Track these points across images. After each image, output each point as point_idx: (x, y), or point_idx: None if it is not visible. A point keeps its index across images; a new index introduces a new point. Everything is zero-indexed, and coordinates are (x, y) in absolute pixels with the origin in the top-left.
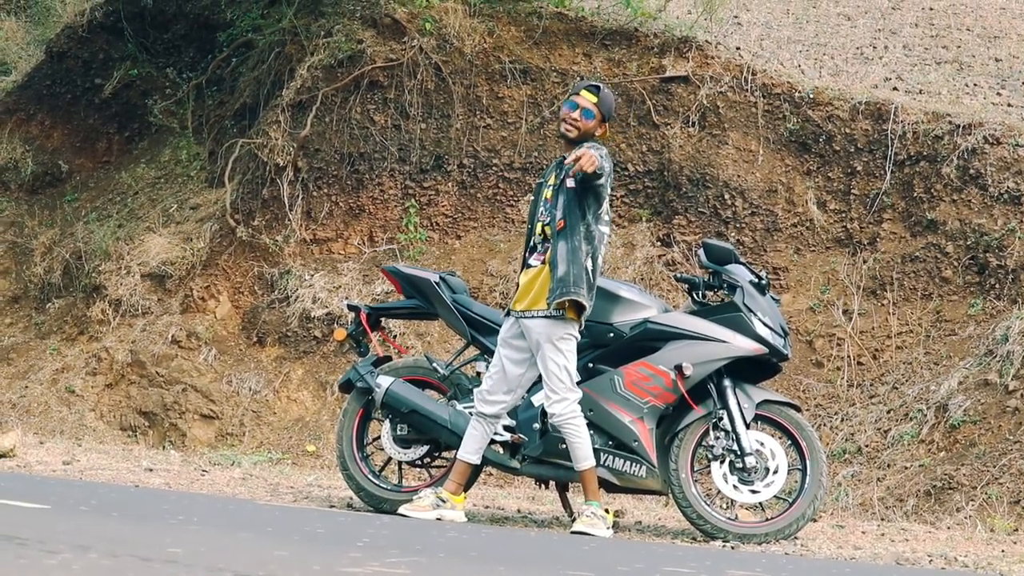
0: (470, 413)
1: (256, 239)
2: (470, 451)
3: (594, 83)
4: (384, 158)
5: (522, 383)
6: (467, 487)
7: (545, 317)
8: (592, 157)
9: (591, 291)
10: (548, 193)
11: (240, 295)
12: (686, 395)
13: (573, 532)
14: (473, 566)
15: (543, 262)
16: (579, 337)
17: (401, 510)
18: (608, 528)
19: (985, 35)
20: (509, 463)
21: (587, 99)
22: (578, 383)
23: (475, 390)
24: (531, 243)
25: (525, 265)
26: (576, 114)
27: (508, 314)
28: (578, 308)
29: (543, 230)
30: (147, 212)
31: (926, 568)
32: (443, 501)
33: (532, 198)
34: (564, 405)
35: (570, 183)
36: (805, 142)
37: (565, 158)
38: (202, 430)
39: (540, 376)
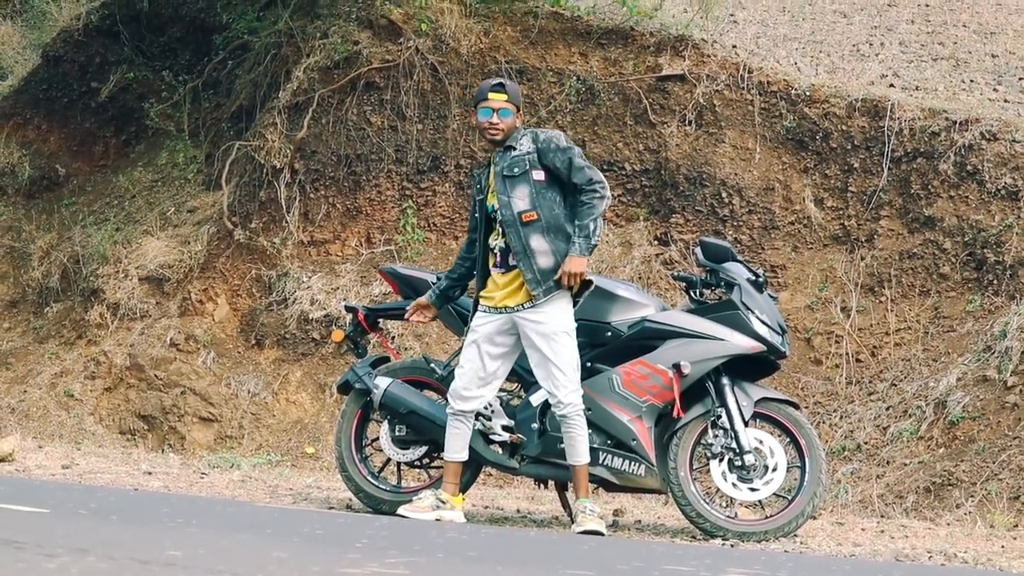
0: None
1: (253, 241)
2: (456, 449)
3: (495, 81)
4: (381, 159)
5: (498, 376)
6: (465, 487)
7: (559, 302)
8: (574, 276)
9: None
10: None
11: (238, 298)
12: (677, 400)
13: (580, 533)
14: (472, 566)
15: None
16: None
17: (400, 511)
18: (603, 520)
19: (981, 31)
20: (508, 463)
21: (498, 100)
22: None
23: (450, 388)
24: (496, 247)
25: (504, 267)
26: (495, 118)
27: (487, 311)
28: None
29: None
30: (144, 215)
31: (926, 564)
32: (443, 502)
33: (477, 213)
34: (578, 395)
35: (538, 176)
36: (802, 139)
37: (511, 148)
38: (201, 433)
39: (531, 373)
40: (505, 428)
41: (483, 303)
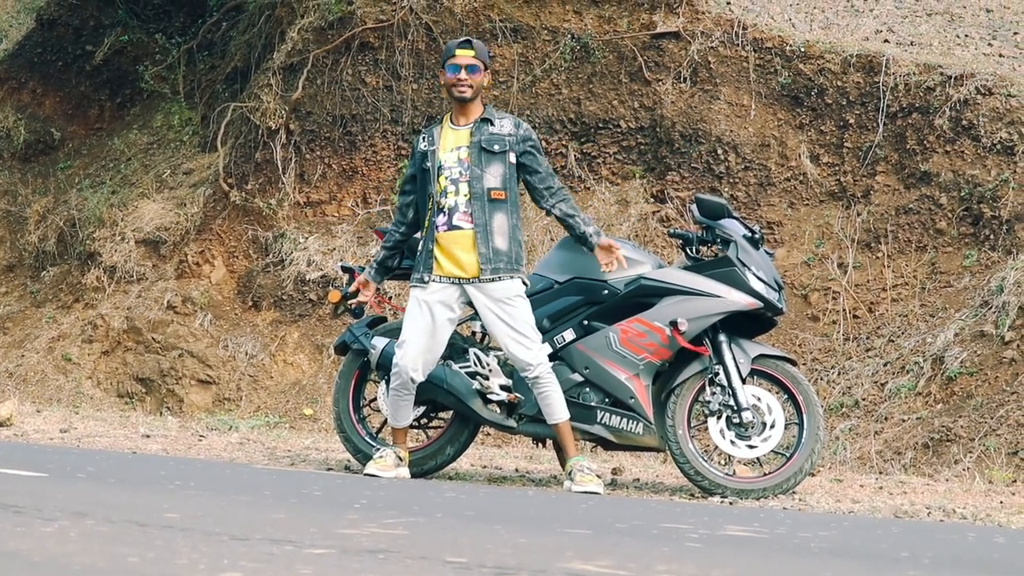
0: (466, 373)
1: (250, 203)
2: (404, 417)
3: (462, 39)
4: (376, 119)
5: (444, 345)
6: (463, 448)
7: (513, 278)
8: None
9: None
10: (464, 155)
11: (235, 259)
12: (687, 345)
13: (577, 492)
14: (471, 526)
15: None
16: None
17: (368, 470)
18: (600, 479)
19: None
20: (506, 422)
21: (465, 56)
22: (573, 341)
23: (398, 360)
24: (446, 205)
25: (448, 226)
26: (463, 74)
27: (437, 279)
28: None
29: (468, 191)
30: (140, 178)
31: (925, 520)
32: (401, 459)
33: (427, 164)
34: (543, 353)
35: (512, 158)
36: (797, 96)
37: (489, 122)
38: (199, 395)
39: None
40: (503, 387)
41: (434, 272)
